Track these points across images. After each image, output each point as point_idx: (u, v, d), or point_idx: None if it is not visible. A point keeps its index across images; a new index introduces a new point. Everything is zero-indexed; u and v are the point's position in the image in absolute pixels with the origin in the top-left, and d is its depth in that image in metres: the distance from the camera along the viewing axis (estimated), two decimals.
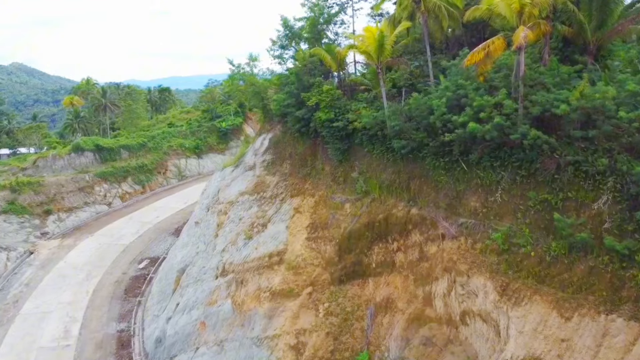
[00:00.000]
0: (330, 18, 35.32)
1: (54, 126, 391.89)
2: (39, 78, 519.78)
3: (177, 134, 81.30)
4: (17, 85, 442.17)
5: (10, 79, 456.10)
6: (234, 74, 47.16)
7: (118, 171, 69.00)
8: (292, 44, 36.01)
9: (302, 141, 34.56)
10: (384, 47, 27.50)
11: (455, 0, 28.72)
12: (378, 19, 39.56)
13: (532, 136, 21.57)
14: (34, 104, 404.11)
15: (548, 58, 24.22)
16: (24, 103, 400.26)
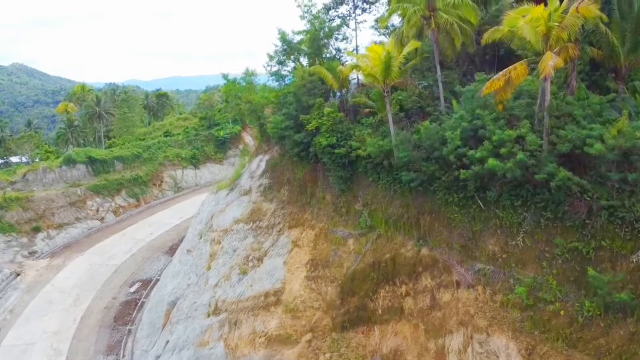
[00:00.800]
0: (331, 32, 32.75)
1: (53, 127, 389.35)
2: (40, 78, 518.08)
3: (174, 143, 78.78)
4: (17, 86, 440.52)
5: (10, 79, 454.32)
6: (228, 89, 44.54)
7: (111, 184, 66.48)
8: (291, 58, 33.43)
9: (301, 166, 32.00)
10: (391, 68, 24.92)
11: (469, 16, 26.11)
12: (383, 32, 37.02)
13: (560, 177, 18.99)
14: (34, 104, 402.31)
15: (575, 85, 21.63)
16: (24, 104, 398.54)
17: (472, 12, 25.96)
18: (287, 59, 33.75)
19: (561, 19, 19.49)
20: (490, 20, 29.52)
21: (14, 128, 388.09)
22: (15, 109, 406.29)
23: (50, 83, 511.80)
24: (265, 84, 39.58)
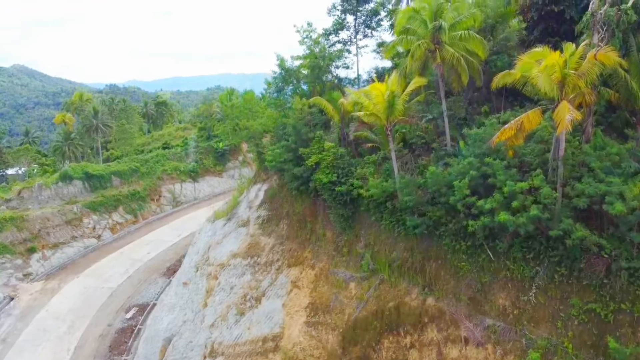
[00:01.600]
0: (331, 59, 31.48)
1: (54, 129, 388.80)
2: (40, 80, 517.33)
3: (172, 156, 77.59)
4: (18, 88, 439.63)
5: (11, 81, 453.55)
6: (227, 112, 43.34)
7: (108, 200, 65.29)
8: (291, 83, 32.17)
9: (300, 199, 30.77)
10: (394, 107, 23.69)
11: (476, 49, 24.86)
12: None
13: (577, 236, 17.75)
14: (34, 106, 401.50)
15: (591, 131, 20.37)
16: (24, 106, 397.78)
17: (479, 46, 24.72)
18: (286, 85, 32.50)
19: (577, 64, 18.27)
20: (497, 49, 28.31)
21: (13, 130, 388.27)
22: (16, 111, 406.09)
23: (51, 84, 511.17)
24: (266, 98, 38.00)
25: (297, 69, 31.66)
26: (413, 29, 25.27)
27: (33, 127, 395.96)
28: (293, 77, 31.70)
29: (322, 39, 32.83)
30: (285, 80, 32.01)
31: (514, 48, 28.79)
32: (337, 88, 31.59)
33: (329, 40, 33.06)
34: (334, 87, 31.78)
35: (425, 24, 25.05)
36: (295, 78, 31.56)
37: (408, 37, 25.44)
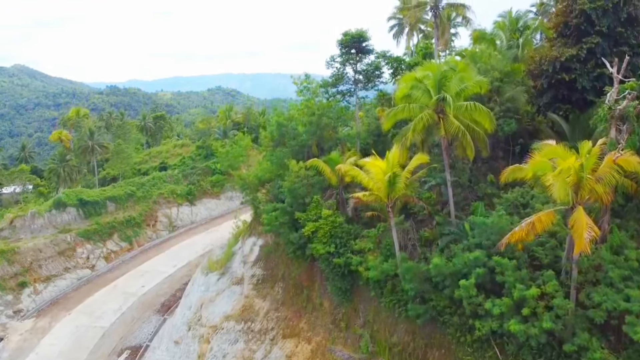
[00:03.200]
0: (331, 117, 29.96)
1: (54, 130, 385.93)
2: (41, 80, 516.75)
3: (169, 178, 76.19)
4: (19, 88, 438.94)
5: (12, 81, 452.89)
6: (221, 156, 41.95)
7: (103, 228, 63.89)
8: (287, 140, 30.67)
9: (297, 263, 29.40)
10: (396, 185, 22.28)
11: (483, 121, 23.40)
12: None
13: (595, 358, 16.32)
14: (35, 107, 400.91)
15: (608, 228, 18.94)
16: (25, 107, 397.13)
17: (486, 118, 23.27)
18: (283, 141, 31.00)
19: (595, 165, 16.86)
20: (504, 112, 26.84)
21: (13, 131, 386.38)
22: (16, 112, 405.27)
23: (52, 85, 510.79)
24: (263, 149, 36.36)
25: (295, 125, 30.20)
26: (416, 96, 23.84)
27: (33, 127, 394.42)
28: (291, 132, 30.21)
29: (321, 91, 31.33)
30: (283, 137, 30.51)
31: (522, 107, 27.46)
32: (337, 145, 30.16)
33: (328, 92, 31.56)
34: (333, 145, 30.31)
35: (428, 93, 23.64)
36: (294, 137, 30.03)
37: (410, 104, 24.02)
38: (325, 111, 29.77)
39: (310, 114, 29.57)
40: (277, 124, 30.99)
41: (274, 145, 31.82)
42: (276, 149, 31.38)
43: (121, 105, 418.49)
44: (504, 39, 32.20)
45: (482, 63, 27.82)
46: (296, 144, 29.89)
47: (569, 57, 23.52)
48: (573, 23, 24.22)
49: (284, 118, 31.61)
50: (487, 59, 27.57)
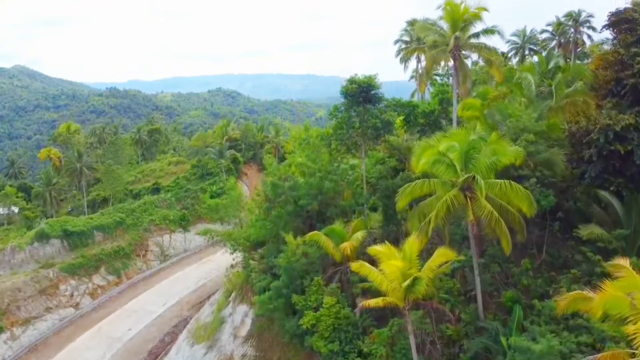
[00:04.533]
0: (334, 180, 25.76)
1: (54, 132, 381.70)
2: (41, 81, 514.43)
3: (161, 203, 72.01)
4: (19, 90, 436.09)
5: (11, 82, 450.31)
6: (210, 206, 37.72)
7: (89, 261, 59.75)
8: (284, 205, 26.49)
9: (294, 350, 25.14)
10: (416, 288, 18.07)
11: (520, 204, 19.18)
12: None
13: None
14: (34, 109, 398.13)
15: None
16: (24, 108, 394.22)
17: (524, 200, 19.04)
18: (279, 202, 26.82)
19: None
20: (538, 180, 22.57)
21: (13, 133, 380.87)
22: (16, 113, 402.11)
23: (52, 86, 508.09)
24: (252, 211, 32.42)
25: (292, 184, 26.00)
26: (438, 172, 19.63)
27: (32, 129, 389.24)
28: (288, 193, 26.02)
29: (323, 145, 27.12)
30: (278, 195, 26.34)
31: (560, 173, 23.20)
32: (341, 215, 25.96)
33: (331, 144, 27.34)
34: (337, 212, 26.07)
35: (453, 169, 19.42)
36: (291, 196, 25.85)
37: (431, 180, 19.82)
38: (328, 172, 25.55)
39: (311, 174, 25.41)
40: (272, 185, 26.81)
41: (269, 206, 27.64)
42: (271, 212, 27.18)
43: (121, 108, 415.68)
44: (533, 83, 27.87)
45: (512, 120, 23.53)
46: (294, 210, 25.71)
47: (625, 126, 19.30)
48: (629, 82, 19.98)
49: (281, 172, 27.43)
50: (517, 114, 23.28)
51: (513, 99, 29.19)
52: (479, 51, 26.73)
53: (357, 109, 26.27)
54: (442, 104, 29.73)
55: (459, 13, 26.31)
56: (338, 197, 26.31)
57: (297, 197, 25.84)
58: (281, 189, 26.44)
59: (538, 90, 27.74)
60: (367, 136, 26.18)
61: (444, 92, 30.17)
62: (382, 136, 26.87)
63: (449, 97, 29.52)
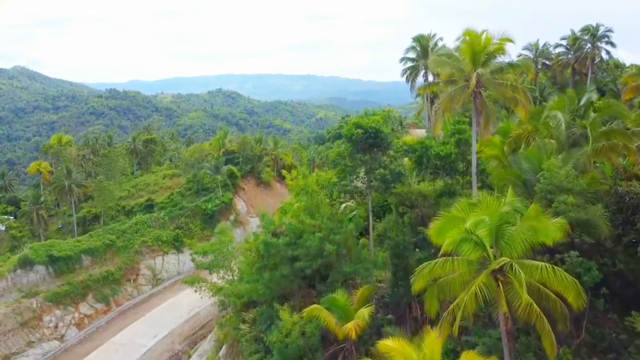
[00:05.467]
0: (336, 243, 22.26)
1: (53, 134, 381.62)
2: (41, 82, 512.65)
3: (153, 223, 68.60)
4: (18, 91, 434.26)
5: (11, 83, 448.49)
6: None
7: (76, 288, 56.35)
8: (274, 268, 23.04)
9: None
10: None
11: (565, 293, 15.78)
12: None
13: None
14: (33, 110, 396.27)
15: None
16: (24, 110, 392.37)
17: (571, 291, 15.61)
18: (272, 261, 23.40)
19: None
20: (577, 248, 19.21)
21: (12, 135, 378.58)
22: (15, 115, 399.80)
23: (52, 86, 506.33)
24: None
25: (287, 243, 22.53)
26: (464, 251, 16.23)
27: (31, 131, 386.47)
28: (282, 252, 22.57)
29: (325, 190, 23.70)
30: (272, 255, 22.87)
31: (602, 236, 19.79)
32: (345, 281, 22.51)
33: (332, 194, 23.96)
34: (340, 278, 22.63)
35: (482, 248, 16.00)
36: (285, 256, 22.38)
37: (454, 259, 16.42)
38: (330, 230, 22.10)
39: (310, 232, 21.97)
40: (264, 243, 23.35)
41: (262, 265, 24.19)
42: (264, 272, 23.74)
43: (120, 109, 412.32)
44: (563, 123, 24.44)
45: (546, 174, 20.09)
46: (290, 273, 22.30)
47: None
48: None
49: (275, 226, 23.96)
50: (552, 169, 19.83)
51: (538, 138, 25.82)
52: (504, 89, 23.27)
53: (362, 158, 22.86)
54: (459, 146, 26.30)
55: (480, 45, 22.90)
56: (342, 258, 22.87)
57: (294, 257, 22.41)
58: (275, 248, 22.94)
59: (569, 131, 24.29)
60: (374, 188, 22.78)
61: (461, 131, 26.71)
62: (392, 189, 23.44)
63: (466, 138, 26.07)
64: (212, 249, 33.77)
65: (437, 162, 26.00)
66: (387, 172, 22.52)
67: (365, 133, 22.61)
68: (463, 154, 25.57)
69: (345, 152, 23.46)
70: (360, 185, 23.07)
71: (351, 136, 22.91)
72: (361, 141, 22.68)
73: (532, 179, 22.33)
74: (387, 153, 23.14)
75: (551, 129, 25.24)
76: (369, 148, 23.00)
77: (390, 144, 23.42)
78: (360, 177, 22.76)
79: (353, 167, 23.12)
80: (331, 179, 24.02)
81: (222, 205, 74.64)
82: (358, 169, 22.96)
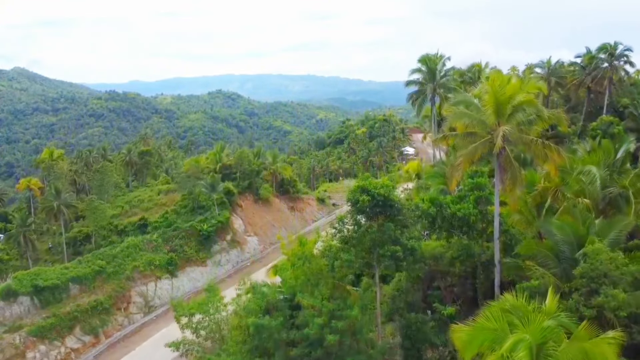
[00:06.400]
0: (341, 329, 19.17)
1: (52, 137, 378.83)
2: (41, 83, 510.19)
3: (146, 245, 65.53)
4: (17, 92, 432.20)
5: (11, 85, 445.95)
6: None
7: (62, 321, 53.38)
8: None
9: None
10: None
11: None
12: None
13: None
14: (33, 112, 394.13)
15: None
16: (23, 112, 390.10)
17: None
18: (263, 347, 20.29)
19: None
20: None
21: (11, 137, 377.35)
22: (14, 117, 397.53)
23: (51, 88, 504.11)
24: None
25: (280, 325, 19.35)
26: None
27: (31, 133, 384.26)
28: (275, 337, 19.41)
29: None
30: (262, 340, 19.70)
31: None
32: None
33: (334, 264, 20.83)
34: None
35: None
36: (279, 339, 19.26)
37: None
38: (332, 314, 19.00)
39: (310, 315, 18.86)
40: (254, 326, 20.21)
41: (251, 347, 21.02)
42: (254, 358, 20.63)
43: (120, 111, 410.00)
44: (598, 179, 21.36)
45: (588, 259, 16.98)
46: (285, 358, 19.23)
47: None
48: None
49: (270, 297, 20.85)
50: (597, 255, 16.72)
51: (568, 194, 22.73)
52: (534, 147, 20.10)
53: (371, 229, 19.76)
54: (478, 204, 23.06)
55: (505, 95, 19.74)
56: (346, 348, 19.71)
57: (290, 341, 19.31)
58: (267, 331, 19.73)
59: (606, 191, 21.20)
60: (383, 264, 19.69)
61: (481, 186, 23.45)
62: (403, 267, 20.24)
63: (486, 196, 22.85)
64: (199, 309, 30.70)
65: (453, 222, 22.87)
66: (398, 249, 19.33)
67: (372, 200, 19.47)
68: (483, 213, 22.44)
69: (350, 219, 20.28)
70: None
71: (356, 202, 19.80)
72: (368, 209, 19.62)
73: (567, 251, 19.28)
74: (397, 220, 19.97)
75: (584, 185, 22.14)
76: (376, 215, 19.90)
77: (401, 210, 20.22)
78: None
79: (358, 239, 19.97)
80: (332, 247, 20.84)
81: (218, 225, 71.61)
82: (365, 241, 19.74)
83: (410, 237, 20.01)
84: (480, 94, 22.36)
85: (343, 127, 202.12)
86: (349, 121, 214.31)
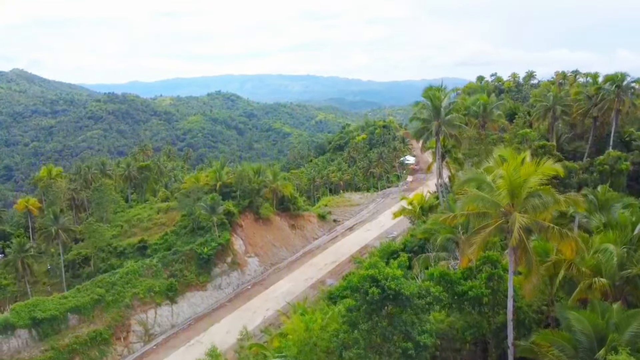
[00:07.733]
0: None
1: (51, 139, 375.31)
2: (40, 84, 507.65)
3: (145, 271, 64.75)
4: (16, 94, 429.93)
5: (9, 87, 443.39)
6: None
7: (61, 354, 52.67)
8: None
9: None
10: None
11: None
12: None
13: None
14: (32, 114, 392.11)
15: None
16: (22, 114, 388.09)
17: None
18: None
19: None
20: None
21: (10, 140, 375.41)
22: (13, 119, 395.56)
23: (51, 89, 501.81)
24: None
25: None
26: None
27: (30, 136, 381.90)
28: None
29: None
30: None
31: None
32: None
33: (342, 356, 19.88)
34: None
35: None
36: None
37: None
38: None
39: None
40: None
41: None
42: None
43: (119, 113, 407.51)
44: (615, 258, 20.61)
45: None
46: None
47: None
48: None
49: None
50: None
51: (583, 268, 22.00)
52: (551, 235, 19.26)
53: (381, 323, 18.85)
54: (490, 282, 22.06)
55: (520, 180, 18.87)
56: None
57: None
58: None
59: (624, 273, 20.47)
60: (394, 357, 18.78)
61: (494, 261, 22.45)
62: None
63: (499, 273, 21.89)
64: None
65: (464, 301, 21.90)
66: (409, 345, 18.34)
67: (382, 293, 18.47)
68: (495, 292, 21.45)
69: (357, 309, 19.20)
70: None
71: (365, 294, 18.74)
72: (377, 301, 18.66)
73: (585, 342, 18.60)
74: (408, 311, 18.96)
75: (600, 263, 21.43)
76: (385, 305, 18.92)
77: (410, 299, 19.16)
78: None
79: (368, 332, 18.99)
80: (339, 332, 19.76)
81: (218, 248, 70.77)
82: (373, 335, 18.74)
83: (422, 330, 19.04)
84: (492, 169, 21.54)
85: (343, 132, 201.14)
86: (349, 126, 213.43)
